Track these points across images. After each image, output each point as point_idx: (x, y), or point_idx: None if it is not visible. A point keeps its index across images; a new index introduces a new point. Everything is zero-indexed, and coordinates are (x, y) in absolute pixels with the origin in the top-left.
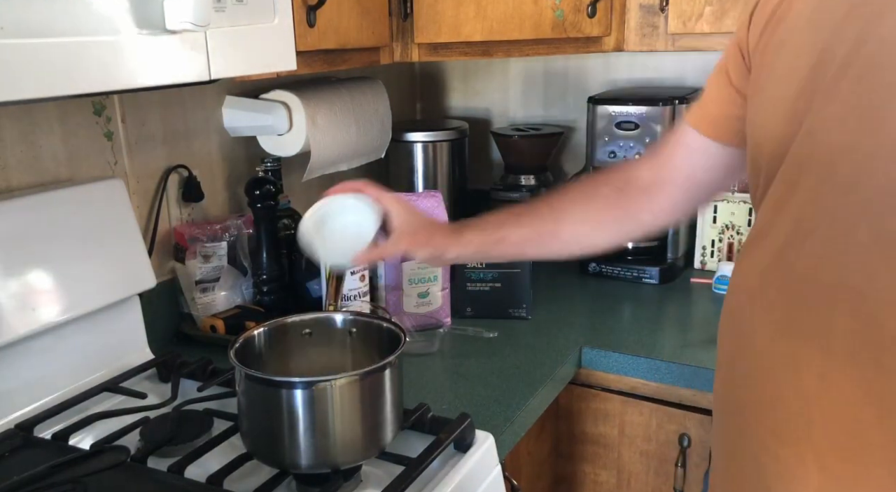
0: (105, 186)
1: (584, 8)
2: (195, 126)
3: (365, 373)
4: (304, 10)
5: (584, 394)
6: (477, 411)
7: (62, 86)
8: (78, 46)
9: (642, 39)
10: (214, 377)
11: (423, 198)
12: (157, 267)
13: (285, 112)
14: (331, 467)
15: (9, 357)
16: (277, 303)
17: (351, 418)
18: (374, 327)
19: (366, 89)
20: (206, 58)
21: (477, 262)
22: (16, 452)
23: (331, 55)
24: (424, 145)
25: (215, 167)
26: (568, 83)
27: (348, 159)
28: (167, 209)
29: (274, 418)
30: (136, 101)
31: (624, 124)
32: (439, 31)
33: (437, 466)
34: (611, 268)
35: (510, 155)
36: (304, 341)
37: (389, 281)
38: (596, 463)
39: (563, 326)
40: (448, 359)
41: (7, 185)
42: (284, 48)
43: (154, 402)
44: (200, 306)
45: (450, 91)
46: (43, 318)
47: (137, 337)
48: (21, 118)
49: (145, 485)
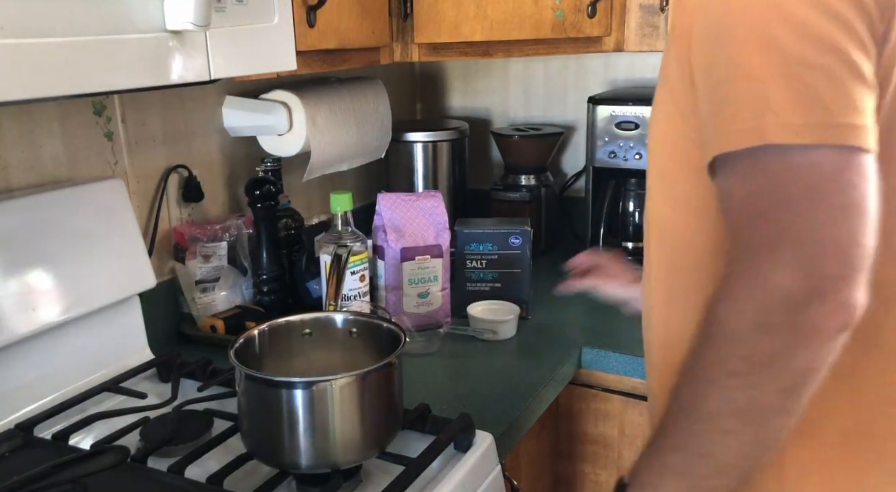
0: (105, 186)
1: (584, 8)
2: (195, 126)
3: (365, 373)
4: (304, 10)
5: (584, 394)
6: (477, 411)
7: (62, 86)
8: (78, 46)
9: (642, 39)
10: (214, 377)
11: (423, 198)
12: (157, 267)
13: (285, 112)
14: (331, 467)
15: (9, 357)
16: (277, 303)
17: (351, 418)
18: (374, 327)
19: (366, 89)
20: (206, 58)
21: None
22: (16, 452)
23: (331, 55)
24: (424, 145)
25: (215, 167)
26: (568, 83)
27: (348, 159)
28: (167, 209)
29: (274, 418)
30: (136, 101)
31: (624, 124)
32: (439, 31)
33: (437, 466)
34: None
35: (510, 155)
36: (304, 341)
37: (389, 281)
38: (596, 463)
39: (563, 326)
40: (448, 359)
41: (7, 185)
42: (284, 48)
43: (154, 402)
44: (200, 306)
45: (450, 91)
46: (43, 318)
47: (137, 337)
48: (21, 118)
49: (145, 485)
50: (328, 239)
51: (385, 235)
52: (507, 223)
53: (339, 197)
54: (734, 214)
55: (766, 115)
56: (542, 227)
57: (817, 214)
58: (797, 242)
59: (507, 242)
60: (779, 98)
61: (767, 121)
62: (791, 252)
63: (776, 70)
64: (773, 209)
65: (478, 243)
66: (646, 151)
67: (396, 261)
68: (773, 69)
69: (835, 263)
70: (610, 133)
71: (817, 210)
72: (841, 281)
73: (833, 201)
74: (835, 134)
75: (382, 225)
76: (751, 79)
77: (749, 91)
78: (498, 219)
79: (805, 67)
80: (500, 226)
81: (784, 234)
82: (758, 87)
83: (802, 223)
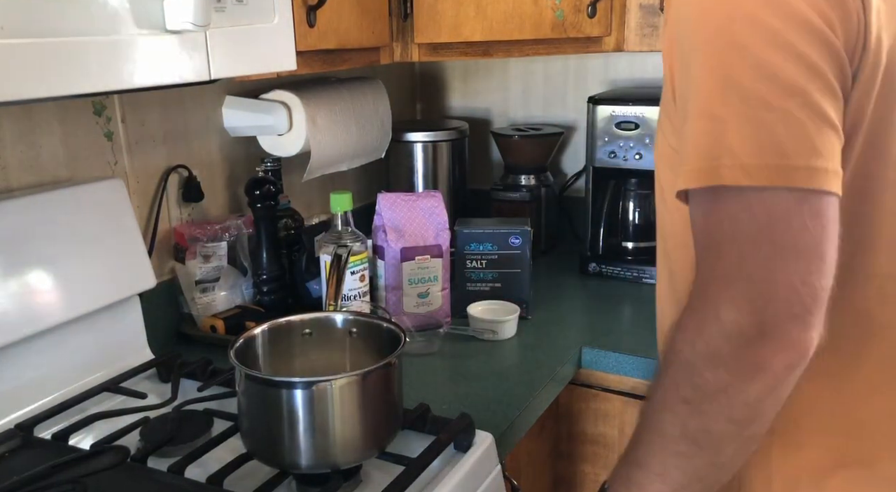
0: (105, 186)
1: (584, 8)
2: (195, 126)
3: (365, 373)
4: (304, 10)
5: (584, 394)
6: (477, 411)
7: (62, 86)
8: (78, 46)
9: (642, 39)
10: (214, 377)
11: (423, 198)
12: (157, 267)
13: (285, 112)
14: (331, 467)
15: (9, 357)
16: (277, 303)
17: (351, 418)
18: (374, 327)
19: (366, 89)
20: (206, 58)
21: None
22: (16, 452)
23: (331, 55)
24: (424, 145)
25: (215, 167)
26: (568, 83)
27: (348, 159)
28: (167, 209)
29: (274, 418)
30: (136, 101)
31: (624, 124)
32: (439, 31)
33: (437, 466)
34: (611, 268)
35: (510, 155)
36: (304, 341)
37: (389, 281)
38: (596, 463)
39: (563, 327)
40: (448, 359)
41: (7, 185)
42: (284, 48)
43: (154, 402)
44: (200, 306)
45: (450, 91)
46: (43, 318)
47: (137, 337)
48: (21, 118)
49: (145, 485)
50: (328, 239)
51: (385, 235)
52: (507, 223)
53: (339, 197)
54: (696, 244)
55: (723, 156)
56: (542, 227)
57: (769, 253)
58: (748, 280)
59: (507, 242)
60: (736, 139)
61: (723, 162)
62: (742, 289)
63: (736, 110)
64: (728, 246)
65: (478, 243)
66: (646, 150)
67: (396, 261)
68: (734, 109)
69: (784, 303)
70: (610, 133)
71: (769, 250)
72: (790, 321)
73: (785, 242)
74: (790, 176)
75: (382, 225)
76: (711, 117)
77: (708, 129)
78: (498, 219)
79: (765, 109)
80: (500, 226)
81: (737, 271)
82: (717, 126)
83: (754, 262)
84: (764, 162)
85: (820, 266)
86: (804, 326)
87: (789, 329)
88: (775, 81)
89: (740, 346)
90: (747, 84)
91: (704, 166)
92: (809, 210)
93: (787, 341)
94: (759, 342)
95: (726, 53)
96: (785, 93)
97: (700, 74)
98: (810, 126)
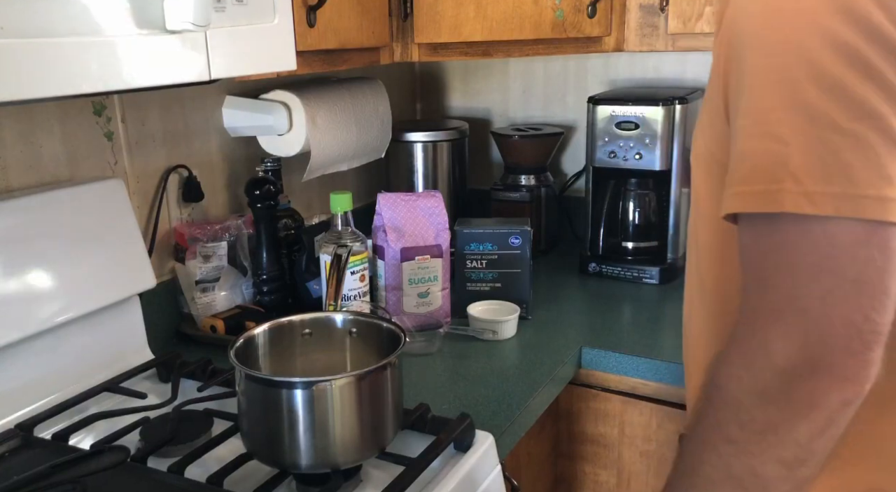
0: (105, 186)
1: (584, 8)
2: (195, 126)
3: (365, 373)
4: (304, 10)
5: (584, 394)
6: (477, 411)
7: (62, 86)
8: (78, 46)
9: (642, 39)
10: (214, 377)
11: (423, 198)
12: (157, 267)
13: (285, 112)
14: (331, 467)
15: (9, 357)
16: (277, 303)
17: (351, 418)
18: (374, 327)
19: (366, 89)
20: (206, 58)
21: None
22: (16, 452)
23: (331, 55)
24: (424, 145)
25: (215, 167)
26: (568, 83)
27: (348, 159)
28: (167, 209)
29: (274, 418)
30: (136, 101)
31: (624, 124)
32: (439, 32)
33: (437, 466)
34: (611, 268)
35: (510, 155)
36: (304, 341)
37: (389, 281)
38: (596, 463)
39: (563, 327)
40: (448, 359)
41: (7, 185)
42: (284, 48)
43: (154, 402)
44: (200, 306)
45: (450, 91)
46: (43, 318)
47: (137, 337)
48: (21, 118)
49: (145, 485)
50: (328, 239)
51: (385, 235)
52: (507, 223)
53: (339, 197)
54: (745, 271)
55: (785, 181)
56: (542, 227)
57: (829, 286)
58: (803, 314)
59: (507, 242)
60: (800, 163)
61: (785, 186)
62: (797, 323)
63: (802, 131)
64: (783, 276)
65: (478, 243)
66: (646, 150)
67: (396, 261)
68: (799, 130)
69: (843, 338)
70: (610, 133)
71: (829, 283)
72: (849, 357)
73: (848, 275)
74: (859, 206)
75: (382, 225)
76: (773, 137)
77: (769, 150)
78: (498, 219)
79: (833, 132)
80: (500, 226)
81: (790, 303)
82: (780, 147)
83: (810, 294)
84: (831, 190)
85: (884, 301)
86: (864, 362)
87: (847, 364)
88: (846, 101)
89: (792, 381)
90: (815, 102)
91: (762, 190)
92: (878, 243)
93: (843, 376)
94: (813, 377)
95: (794, 67)
96: (856, 114)
97: (762, 88)
98: (882, 151)
